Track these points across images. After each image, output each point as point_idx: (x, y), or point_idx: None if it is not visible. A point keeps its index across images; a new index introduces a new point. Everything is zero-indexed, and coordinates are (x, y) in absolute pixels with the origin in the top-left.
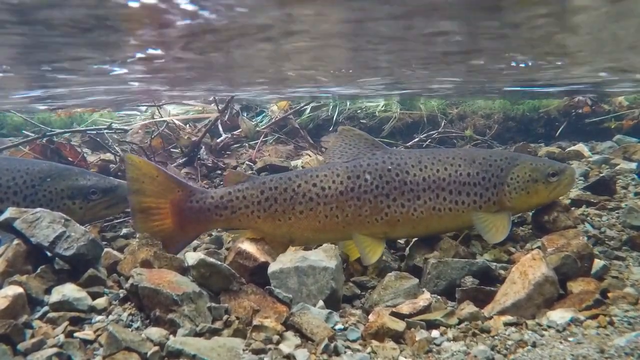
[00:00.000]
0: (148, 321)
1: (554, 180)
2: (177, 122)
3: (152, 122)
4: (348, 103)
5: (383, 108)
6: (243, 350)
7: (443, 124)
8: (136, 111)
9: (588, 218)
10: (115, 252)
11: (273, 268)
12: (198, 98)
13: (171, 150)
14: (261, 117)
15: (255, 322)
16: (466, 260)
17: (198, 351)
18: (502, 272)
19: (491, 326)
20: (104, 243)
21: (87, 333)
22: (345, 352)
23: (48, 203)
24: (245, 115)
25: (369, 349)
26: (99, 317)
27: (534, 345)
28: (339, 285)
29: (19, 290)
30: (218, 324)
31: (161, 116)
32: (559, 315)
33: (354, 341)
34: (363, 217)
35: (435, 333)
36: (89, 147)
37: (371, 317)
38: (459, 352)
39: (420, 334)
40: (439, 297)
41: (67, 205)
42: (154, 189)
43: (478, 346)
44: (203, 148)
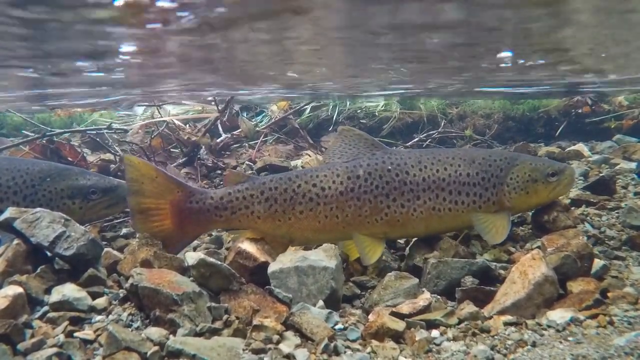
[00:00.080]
0: (148, 321)
1: (554, 180)
2: (177, 122)
3: (152, 122)
4: (348, 103)
5: (383, 108)
6: (243, 350)
7: (443, 124)
8: (131, 112)
9: (588, 218)
10: (115, 252)
11: (273, 268)
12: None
13: (171, 150)
14: (261, 117)
15: (255, 322)
16: (466, 260)
17: (198, 351)
18: (502, 272)
19: (491, 326)
20: (104, 243)
21: (87, 333)
22: (345, 352)
23: (48, 203)
24: (245, 115)
25: (369, 349)
26: (99, 317)
27: (534, 345)
28: (339, 285)
29: (19, 290)
30: (218, 324)
31: (161, 116)
32: (559, 315)
33: (354, 341)
34: (363, 217)
35: (435, 333)
36: (89, 147)
37: (371, 317)
38: (459, 352)
39: (420, 334)
40: (439, 297)
41: (67, 205)
42: (154, 190)
43: (478, 346)
44: (203, 148)
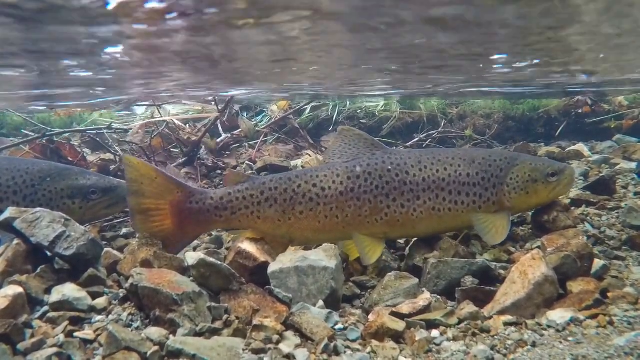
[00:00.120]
0: (148, 321)
1: (554, 180)
2: (177, 122)
3: (152, 122)
4: (348, 103)
5: (383, 108)
6: (243, 350)
7: (443, 124)
8: (130, 111)
9: (588, 218)
10: (115, 252)
11: (273, 268)
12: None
13: (171, 150)
14: (261, 117)
15: (255, 322)
16: (466, 260)
17: (198, 351)
18: (502, 272)
19: (491, 326)
20: (104, 243)
21: (87, 333)
22: (345, 352)
23: (48, 203)
24: (245, 115)
25: (369, 349)
26: (99, 317)
27: (534, 345)
28: (339, 285)
29: (19, 290)
30: (218, 324)
31: (161, 116)
32: (559, 315)
33: (354, 341)
34: (363, 217)
35: (435, 333)
36: (89, 147)
37: (371, 317)
38: (459, 352)
39: (420, 334)
40: (439, 297)
41: (67, 204)
42: (153, 191)
43: (478, 346)
44: (203, 148)
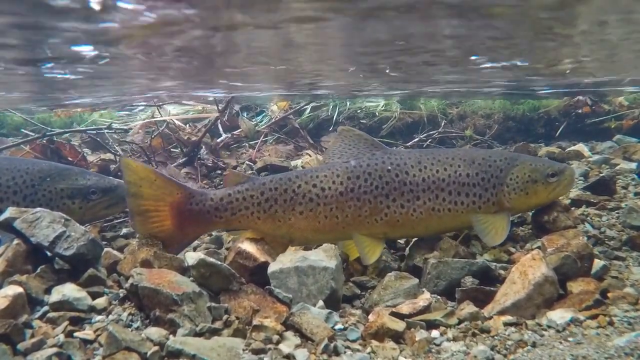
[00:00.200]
0: (148, 321)
1: (554, 180)
2: (177, 122)
3: (152, 122)
4: (348, 103)
5: (383, 108)
6: (243, 350)
7: (443, 124)
8: (129, 111)
9: (588, 218)
10: (115, 252)
11: (273, 268)
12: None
13: (171, 150)
14: (261, 117)
15: (255, 322)
16: (466, 260)
17: (198, 351)
18: (502, 272)
19: (491, 326)
20: (104, 243)
21: (87, 333)
22: (345, 352)
23: (48, 203)
24: (245, 115)
25: (369, 349)
26: (99, 317)
27: (534, 345)
28: (339, 285)
29: (19, 290)
30: (218, 324)
31: (161, 116)
32: (559, 315)
33: (354, 341)
34: (363, 218)
35: (435, 333)
36: (89, 147)
37: (371, 317)
38: (459, 352)
39: (420, 334)
40: (439, 297)
41: (67, 204)
42: (153, 193)
43: (478, 346)
44: (203, 148)
